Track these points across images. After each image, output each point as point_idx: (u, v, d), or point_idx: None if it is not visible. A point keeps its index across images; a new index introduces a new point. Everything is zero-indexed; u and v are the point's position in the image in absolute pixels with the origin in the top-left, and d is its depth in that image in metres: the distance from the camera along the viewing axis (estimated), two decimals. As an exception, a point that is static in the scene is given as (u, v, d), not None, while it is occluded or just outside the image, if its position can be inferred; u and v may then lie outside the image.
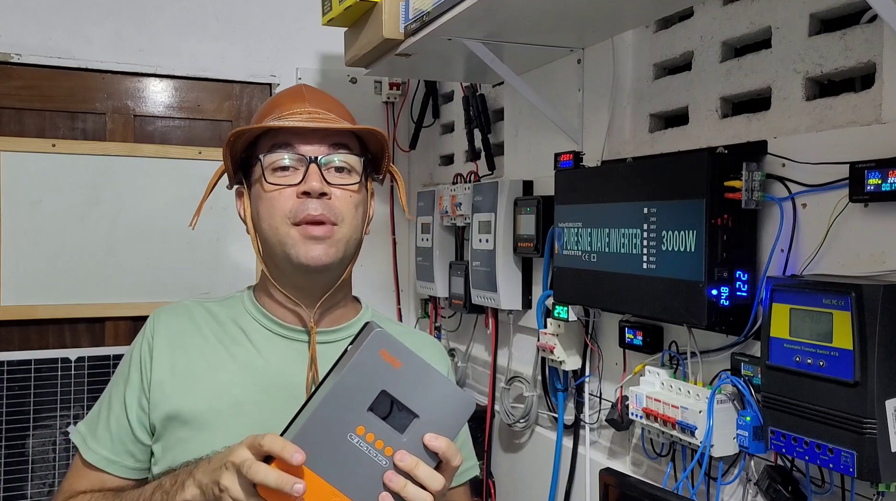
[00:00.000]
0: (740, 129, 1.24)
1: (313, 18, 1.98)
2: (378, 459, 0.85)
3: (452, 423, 0.87)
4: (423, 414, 0.85)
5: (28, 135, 2.19)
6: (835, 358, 0.95)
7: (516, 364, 1.87)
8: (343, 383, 0.84)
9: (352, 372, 0.85)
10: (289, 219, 1.04)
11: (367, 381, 0.85)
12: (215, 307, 1.15)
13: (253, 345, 1.10)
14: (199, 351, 1.10)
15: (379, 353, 0.85)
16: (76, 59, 2.22)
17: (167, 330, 1.12)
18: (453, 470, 0.88)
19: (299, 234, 1.04)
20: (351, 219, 1.07)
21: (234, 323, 1.12)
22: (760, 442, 1.11)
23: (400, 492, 0.84)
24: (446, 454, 0.86)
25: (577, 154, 1.52)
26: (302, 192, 1.04)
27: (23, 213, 2.13)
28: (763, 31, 1.21)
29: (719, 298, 1.14)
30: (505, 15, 1.35)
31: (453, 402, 0.87)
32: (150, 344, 1.10)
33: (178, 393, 1.06)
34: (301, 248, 1.04)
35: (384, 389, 0.85)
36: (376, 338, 0.85)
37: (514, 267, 1.80)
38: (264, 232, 1.07)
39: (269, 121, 1.07)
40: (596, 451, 1.58)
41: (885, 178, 0.95)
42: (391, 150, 1.13)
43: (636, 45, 1.49)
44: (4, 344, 2.15)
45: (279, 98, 1.13)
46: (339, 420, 0.84)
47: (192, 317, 1.13)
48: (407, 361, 0.86)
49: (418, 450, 0.85)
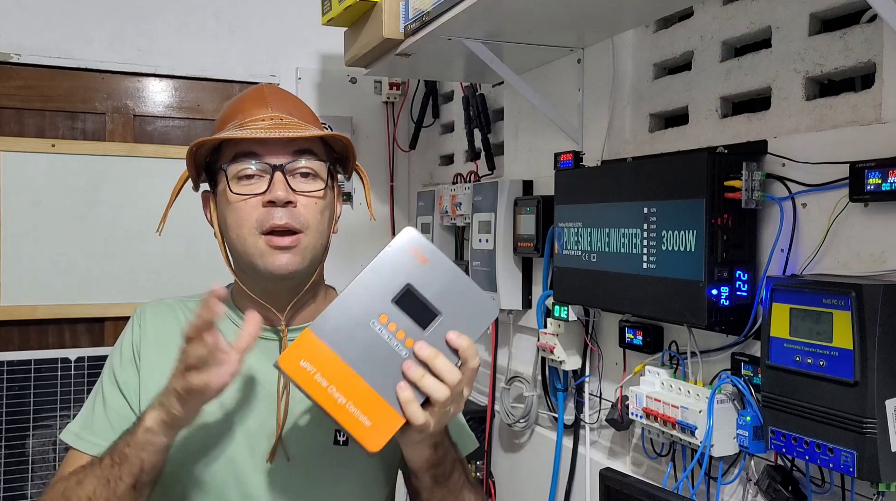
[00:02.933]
0: (740, 129, 1.24)
1: (313, 18, 1.98)
2: (398, 349, 0.86)
3: (475, 325, 0.89)
4: (445, 313, 0.88)
5: (28, 135, 2.19)
6: (835, 357, 0.95)
7: (516, 364, 1.87)
8: (372, 270, 0.87)
9: (380, 262, 0.88)
10: (255, 228, 1.04)
11: (394, 273, 0.88)
12: (196, 307, 1.15)
13: (230, 345, 1.10)
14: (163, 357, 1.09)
15: (408, 249, 0.88)
16: (76, 59, 2.23)
17: (154, 330, 1.12)
18: (471, 373, 0.89)
19: (265, 244, 1.04)
20: (316, 226, 1.08)
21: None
22: (760, 442, 1.11)
23: (417, 382, 0.85)
24: (466, 353, 0.87)
25: (577, 154, 1.52)
26: (268, 201, 1.03)
27: (23, 213, 2.13)
28: (763, 30, 1.21)
29: (719, 298, 1.14)
30: (505, 15, 1.35)
31: (477, 305, 0.89)
32: (138, 343, 1.11)
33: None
34: (268, 258, 1.04)
35: (410, 283, 0.87)
36: (407, 234, 0.89)
37: (514, 267, 1.80)
38: (232, 240, 1.07)
39: (232, 128, 1.06)
40: (596, 451, 1.58)
41: (885, 178, 0.95)
42: (355, 152, 1.15)
43: (636, 44, 1.49)
44: (4, 344, 2.15)
45: (241, 103, 1.11)
46: (364, 307, 0.87)
47: (175, 317, 1.14)
48: (434, 259, 0.88)
49: (440, 346, 0.87)
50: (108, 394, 1.10)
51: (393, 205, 2.56)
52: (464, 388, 0.89)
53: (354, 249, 2.52)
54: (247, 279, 1.10)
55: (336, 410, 0.85)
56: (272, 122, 1.06)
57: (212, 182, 1.11)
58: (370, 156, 2.57)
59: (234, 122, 1.07)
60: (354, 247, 2.52)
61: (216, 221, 1.11)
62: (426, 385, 0.85)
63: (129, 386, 1.09)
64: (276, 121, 1.06)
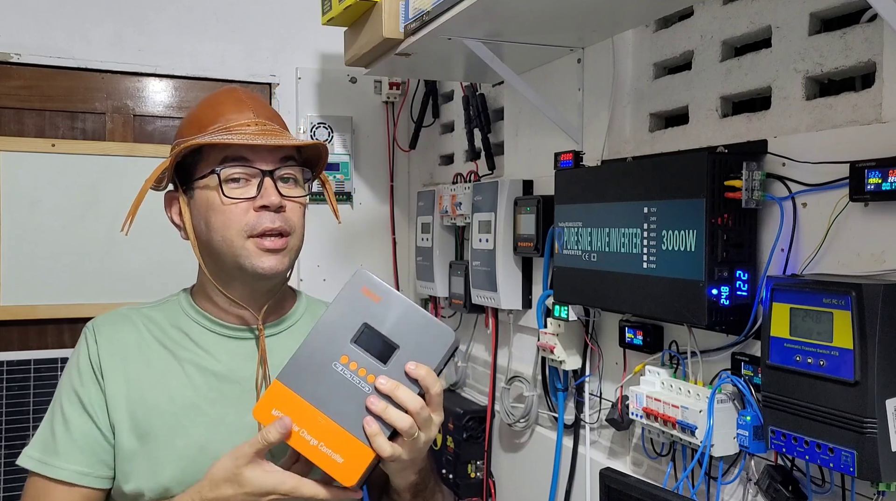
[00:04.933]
0: (740, 129, 1.24)
1: (313, 18, 1.98)
2: (361, 386, 0.92)
3: (433, 354, 0.93)
4: (403, 345, 0.92)
5: (28, 134, 2.19)
6: (835, 357, 0.95)
7: (516, 363, 1.87)
8: (328, 316, 0.94)
9: (336, 307, 0.94)
10: (245, 231, 1.07)
11: (349, 315, 0.94)
12: (154, 313, 1.15)
13: (199, 347, 1.12)
14: (146, 361, 1.10)
15: (360, 290, 0.94)
16: (76, 59, 2.22)
17: (113, 343, 1.10)
18: (436, 399, 0.93)
19: (255, 246, 1.07)
20: (300, 229, 1.13)
21: (175, 328, 1.13)
22: (761, 442, 1.11)
23: (381, 415, 0.89)
24: (425, 381, 0.91)
25: (577, 153, 1.52)
26: (261, 206, 1.07)
27: (22, 213, 2.13)
28: (763, 30, 1.21)
29: (719, 298, 1.14)
30: (505, 14, 1.35)
31: (433, 334, 0.94)
32: (97, 359, 1.09)
33: (133, 403, 1.07)
34: (256, 260, 1.07)
35: (366, 322, 0.93)
36: (358, 276, 0.95)
37: (514, 267, 1.80)
38: (215, 242, 1.08)
39: (217, 132, 1.07)
40: (596, 451, 1.58)
41: (886, 178, 0.95)
42: (327, 160, 1.20)
43: (636, 44, 1.49)
44: (4, 344, 2.15)
45: (222, 107, 1.11)
46: (325, 351, 0.93)
47: (134, 326, 1.13)
48: (386, 296, 0.94)
49: (401, 378, 0.92)
50: (70, 415, 1.07)
51: (393, 204, 2.56)
52: (430, 414, 0.92)
53: (354, 249, 2.52)
54: (224, 280, 1.12)
55: (310, 452, 0.91)
56: (259, 129, 1.09)
57: (184, 183, 1.12)
58: (370, 156, 2.57)
59: (218, 126, 1.09)
60: (354, 247, 2.52)
61: (189, 222, 1.11)
62: (390, 416, 0.90)
63: (94, 404, 1.07)
64: (262, 128, 1.09)
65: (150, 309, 1.16)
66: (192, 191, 1.10)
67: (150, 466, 1.05)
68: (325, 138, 2.47)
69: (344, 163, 2.49)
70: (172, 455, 1.05)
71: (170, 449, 1.05)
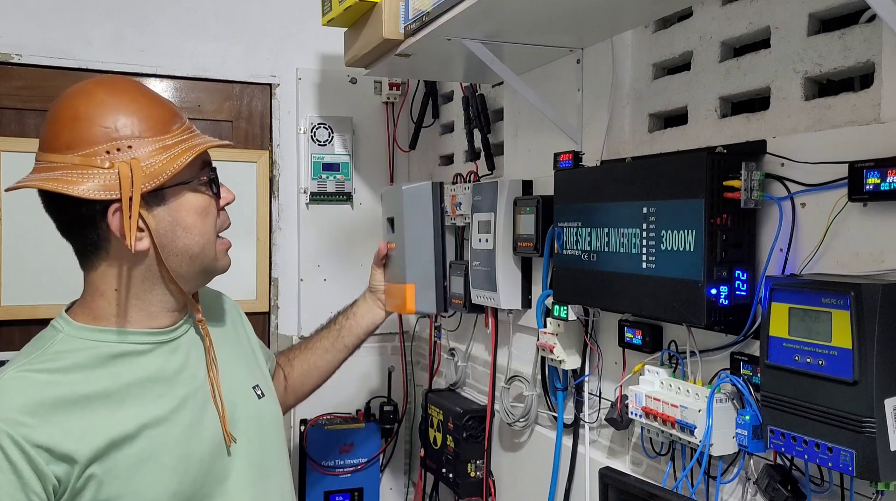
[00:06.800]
0: (739, 129, 1.24)
1: (313, 18, 1.99)
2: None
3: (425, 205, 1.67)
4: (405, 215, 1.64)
5: (28, 135, 2.19)
6: (834, 357, 0.95)
7: (516, 363, 1.87)
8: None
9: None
10: (216, 232, 1.12)
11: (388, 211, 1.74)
12: (58, 366, 1.03)
13: (139, 368, 1.06)
14: (100, 417, 1.00)
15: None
16: (76, 60, 2.23)
17: (50, 430, 0.96)
18: None
19: (221, 246, 1.14)
20: None
21: (101, 367, 1.04)
22: (759, 441, 1.12)
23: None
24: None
25: (576, 154, 1.53)
26: (223, 205, 1.14)
27: (24, 214, 2.13)
28: (762, 30, 1.21)
29: (718, 297, 1.14)
30: (504, 15, 1.36)
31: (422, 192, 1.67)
32: (31, 450, 0.94)
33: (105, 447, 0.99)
34: (222, 259, 1.15)
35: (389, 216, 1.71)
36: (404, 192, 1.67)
37: (513, 267, 1.80)
38: (193, 246, 1.08)
39: (182, 134, 1.07)
40: (595, 450, 1.59)
41: (884, 178, 0.95)
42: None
43: (635, 45, 1.49)
44: (4, 344, 2.15)
45: (160, 109, 1.07)
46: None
47: (57, 395, 0.99)
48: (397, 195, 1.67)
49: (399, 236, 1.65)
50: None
51: (393, 205, 2.57)
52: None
53: (354, 249, 2.52)
54: (184, 280, 1.11)
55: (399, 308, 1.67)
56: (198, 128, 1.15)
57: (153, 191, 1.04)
58: (370, 156, 2.57)
59: (180, 128, 1.08)
60: (354, 247, 2.52)
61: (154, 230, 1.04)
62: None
63: (56, 479, 0.96)
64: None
65: (52, 364, 1.03)
66: (162, 197, 1.05)
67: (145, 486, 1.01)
68: (326, 138, 2.47)
69: (344, 163, 2.49)
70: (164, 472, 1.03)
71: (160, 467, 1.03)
